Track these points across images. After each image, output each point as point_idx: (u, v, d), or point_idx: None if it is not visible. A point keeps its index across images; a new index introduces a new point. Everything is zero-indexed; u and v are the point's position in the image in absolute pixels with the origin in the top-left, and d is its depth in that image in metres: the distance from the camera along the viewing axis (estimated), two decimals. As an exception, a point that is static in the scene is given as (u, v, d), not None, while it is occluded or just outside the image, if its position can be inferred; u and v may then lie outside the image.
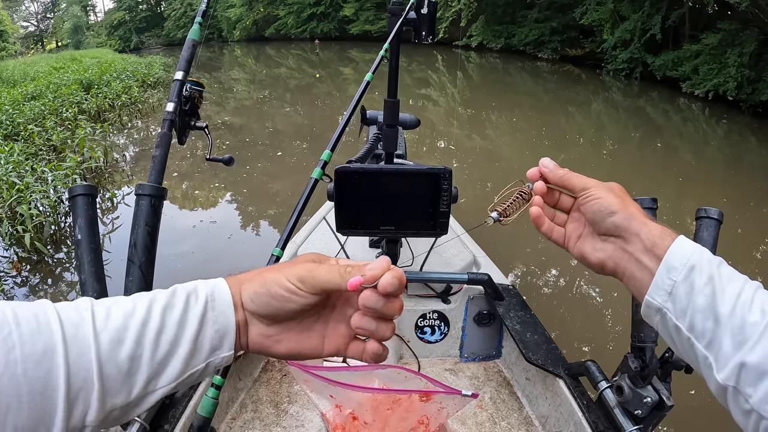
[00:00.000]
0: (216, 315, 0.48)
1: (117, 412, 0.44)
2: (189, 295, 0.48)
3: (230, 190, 6.68)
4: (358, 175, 1.22)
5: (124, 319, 0.44)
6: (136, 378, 0.44)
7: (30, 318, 0.41)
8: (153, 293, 0.48)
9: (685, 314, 0.54)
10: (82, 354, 0.41)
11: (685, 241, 0.57)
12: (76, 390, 0.40)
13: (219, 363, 0.50)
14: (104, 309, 0.45)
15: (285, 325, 0.51)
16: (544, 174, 0.69)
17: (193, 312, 0.47)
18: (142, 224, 1.22)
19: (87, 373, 0.41)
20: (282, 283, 0.48)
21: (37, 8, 56.56)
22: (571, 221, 0.69)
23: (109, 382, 0.42)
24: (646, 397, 1.23)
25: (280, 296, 0.48)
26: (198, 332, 0.47)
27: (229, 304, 0.49)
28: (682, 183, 7.16)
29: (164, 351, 0.45)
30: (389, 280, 0.46)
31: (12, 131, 7.80)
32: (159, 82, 15.69)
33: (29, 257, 4.66)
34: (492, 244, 2.82)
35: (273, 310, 0.49)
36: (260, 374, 1.85)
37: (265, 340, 0.51)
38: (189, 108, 1.39)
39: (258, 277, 0.50)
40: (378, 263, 0.48)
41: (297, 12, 36.62)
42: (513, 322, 1.78)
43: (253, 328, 0.51)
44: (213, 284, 0.50)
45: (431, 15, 1.61)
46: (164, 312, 0.46)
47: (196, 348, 0.47)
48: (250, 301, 0.49)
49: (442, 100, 13.83)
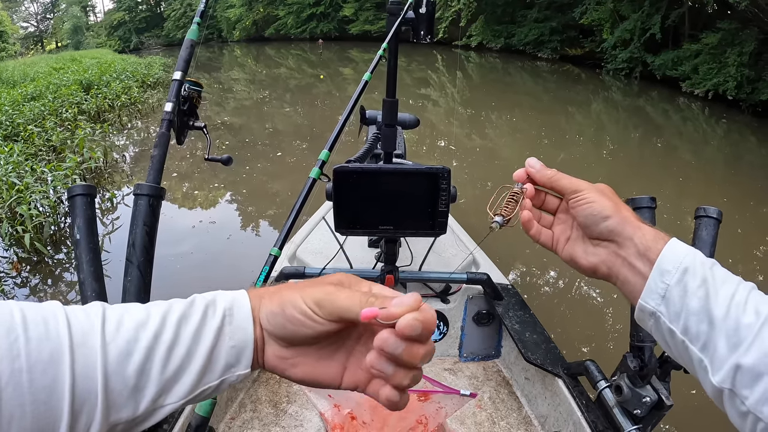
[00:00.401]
0: (233, 330, 0.45)
1: (122, 426, 0.42)
2: (207, 306, 0.46)
3: (230, 190, 6.68)
4: (356, 174, 1.22)
5: (135, 329, 0.42)
6: (143, 393, 0.42)
7: (39, 322, 0.39)
8: (170, 302, 0.46)
9: (679, 317, 0.53)
10: (88, 365, 0.39)
11: (678, 244, 0.57)
12: (80, 402, 0.39)
13: (234, 381, 0.47)
14: (116, 317, 0.43)
15: (302, 349, 0.47)
16: (531, 174, 0.67)
17: (210, 325, 0.45)
18: (140, 224, 1.21)
19: (91, 385, 0.39)
20: (298, 306, 0.44)
21: (37, 9, 56.61)
22: (558, 223, 0.68)
23: (114, 396, 0.40)
24: (645, 396, 1.23)
25: (295, 319, 0.44)
26: (213, 347, 0.44)
27: (248, 318, 0.46)
28: (682, 182, 7.16)
29: (175, 366, 0.43)
30: (409, 322, 0.40)
31: (12, 132, 7.79)
32: (159, 82, 15.67)
33: (29, 258, 4.66)
34: (491, 243, 2.82)
35: (288, 333, 0.46)
36: (259, 374, 1.85)
37: (280, 362, 0.47)
38: (187, 108, 1.39)
39: (277, 295, 0.47)
40: (407, 299, 0.41)
41: (297, 12, 36.66)
42: (512, 322, 1.78)
43: (269, 348, 0.47)
44: (233, 296, 0.47)
45: (430, 14, 1.61)
46: (179, 324, 0.44)
47: (210, 363, 0.45)
48: (267, 321, 0.46)
49: (442, 100, 13.83)
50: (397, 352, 0.41)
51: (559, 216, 0.68)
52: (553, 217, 0.69)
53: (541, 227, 0.68)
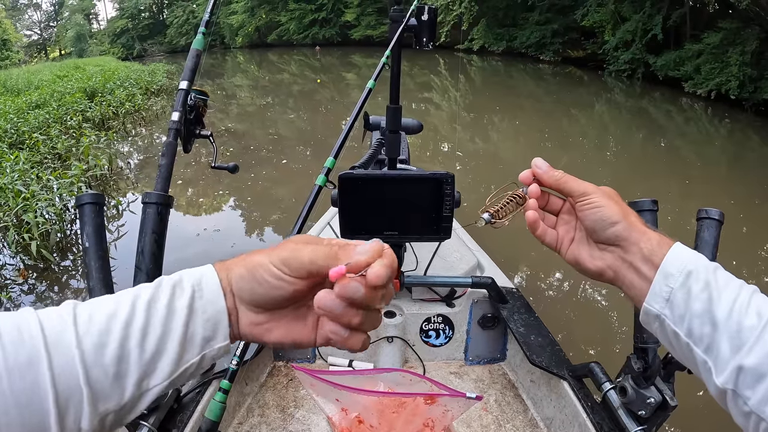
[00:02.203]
0: (204, 303, 0.46)
1: (112, 415, 0.43)
2: (174, 285, 0.46)
3: (234, 196, 6.69)
4: (361, 181, 1.23)
5: (106, 321, 0.43)
6: (126, 380, 0.43)
7: (12, 329, 0.40)
8: (138, 288, 0.46)
9: (683, 320, 0.54)
10: (67, 361, 0.40)
11: (682, 248, 0.58)
12: (65, 398, 0.40)
13: (216, 354, 0.47)
14: (87, 312, 0.43)
15: (274, 313, 0.48)
16: (537, 175, 0.67)
17: (180, 303, 0.45)
18: (149, 232, 1.23)
19: (74, 380, 0.40)
20: (267, 268, 0.45)
21: (40, 17, 56.91)
22: (562, 224, 0.69)
23: (98, 387, 0.41)
24: (649, 397, 1.24)
25: (265, 281, 0.45)
26: (187, 323, 0.45)
27: (217, 291, 0.46)
28: (685, 183, 7.15)
29: (152, 349, 0.43)
30: (378, 273, 0.41)
31: (17, 140, 7.82)
32: (162, 89, 15.73)
33: (36, 265, 4.68)
34: (496, 247, 2.83)
35: (259, 297, 0.46)
36: (267, 379, 1.86)
37: (254, 329, 0.48)
38: (194, 117, 1.41)
39: (243, 261, 0.47)
40: (369, 245, 0.43)
41: (299, 18, 36.75)
42: (517, 325, 1.79)
43: (243, 316, 0.48)
44: (200, 272, 0.47)
45: (431, 21, 1.63)
46: (148, 307, 0.44)
47: (186, 341, 0.45)
48: (237, 287, 0.47)
49: (445, 104, 13.84)
50: (358, 297, 0.42)
51: (562, 217, 0.69)
52: (555, 218, 0.70)
53: (547, 227, 0.68)
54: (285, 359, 1.96)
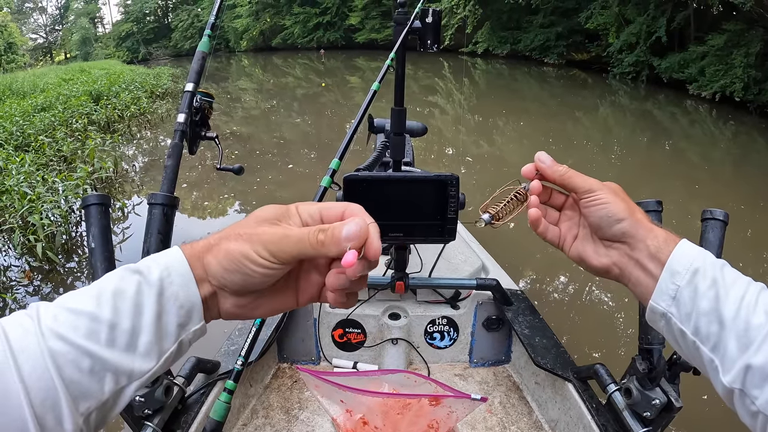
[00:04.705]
0: (176, 290, 0.45)
1: (96, 413, 0.42)
2: (141, 274, 0.45)
3: (239, 200, 6.71)
4: (366, 183, 1.23)
5: (72, 318, 0.41)
6: (103, 375, 0.41)
7: None
8: (101, 282, 0.44)
9: (690, 318, 0.54)
10: (36, 365, 0.39)
11: (688, 245, 0.57)
12: (40, 402, 0.38)
13: (192, 338, 0.47)
14: (51, 313, 0.42)
15: (259, 292, 0.49)
16: (540, 170, 0.65)
17: (149, 293, 0.44)
18: (154, 233, 1.24)
19: (47, 383, 0.39)
20: (254, 259, 0.44)
21: (46, 20, 57.28)
22: (564, 219, 0.67)
23: (74, 386, 0.40)
24: (654, 398, 1.23)
25: (254, 273, 0.45)
26: (159, 313, 0.44)
27: (187, 276, 0.45)
28: (691, 185, 7.13)
29: (124, 343, 0.42)
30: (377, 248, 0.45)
31: (23, 142, 7.87)
32: (167, 92, 15.79)
33: (41, 266, 4.71)
34: (500, 249, 2.83)
35: (246, 285, 0.46)
36: (271, 380, 1.87)
37: (239, 310, 0.49)
38: (199, 119, 1.42)
39: (221, 249, 0.46)
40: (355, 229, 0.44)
41: (303, 21, 36.90)
42: (522, 327, 1.79)
43: (225, 300, 0.48)
44: (167, 258, 0.46)
45: (435, 24, 1.63)
46: (115, 300, 0.43)
47: (160, 330, 0.44)
48: (221, 280, 0.46)
49: (449, 107, 13.84)
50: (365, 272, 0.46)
51: (565, 212, 0.68)
52: (558, 213, 0.68)
53: (549, 224, 0.67)
54: (289, 361, 1.97)
